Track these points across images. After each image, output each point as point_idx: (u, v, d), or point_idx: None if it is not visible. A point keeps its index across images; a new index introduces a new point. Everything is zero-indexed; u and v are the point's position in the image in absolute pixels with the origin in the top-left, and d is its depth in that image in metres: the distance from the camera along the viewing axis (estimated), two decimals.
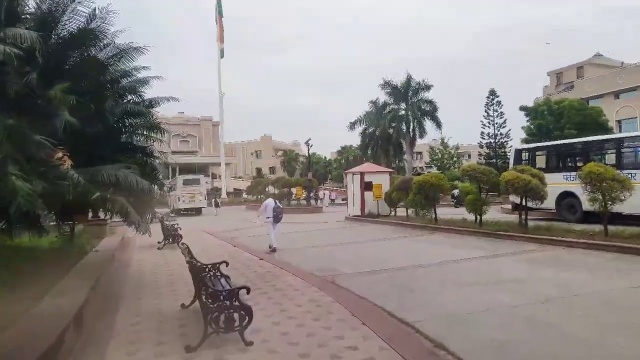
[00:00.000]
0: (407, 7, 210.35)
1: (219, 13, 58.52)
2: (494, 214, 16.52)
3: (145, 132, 7.51)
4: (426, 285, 7.69)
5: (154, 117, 7.35)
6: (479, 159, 43.06)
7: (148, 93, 7.93)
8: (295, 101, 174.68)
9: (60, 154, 5.18)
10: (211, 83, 55.86)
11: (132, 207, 6.25)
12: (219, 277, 5.93)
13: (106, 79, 6.47)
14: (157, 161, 7.81)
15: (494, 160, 40.18)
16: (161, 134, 7.63)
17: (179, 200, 33.98)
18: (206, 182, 63.80)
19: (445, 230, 15.44)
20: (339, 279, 8.38)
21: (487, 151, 42.39)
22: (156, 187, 7.89)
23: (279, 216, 12.89)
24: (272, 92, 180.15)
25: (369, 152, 50.82)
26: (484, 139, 42.46)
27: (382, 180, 21.91)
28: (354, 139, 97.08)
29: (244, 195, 53.09)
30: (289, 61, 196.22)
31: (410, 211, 18.50)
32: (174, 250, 12.07)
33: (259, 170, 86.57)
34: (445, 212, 19.18)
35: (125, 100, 6.97)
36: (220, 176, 63.98)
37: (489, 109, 41.66)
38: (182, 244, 5.88)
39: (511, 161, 21.31)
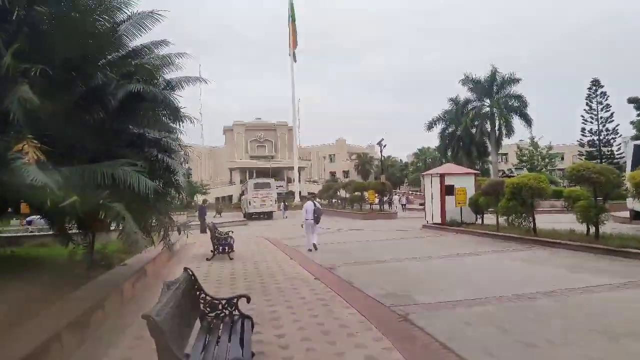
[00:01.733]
0: (490, 5, 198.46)
1: (292, 18, 58.23)
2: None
3: (162, 120, 6.08)
4: (553, 334, 5.30)
5: (176, 103, 5.86)
6: (579, 159, 37.83)
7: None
8: (372, 106, 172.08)
9: (22, 146, 3.78)
10: (288, 90, 56.51)
11: (135, 215, 4.74)
12: (235, 317, 4.17)
13: (97, 45, 5.07)
14: (176, 157, 6.30)
15: (598, 160, 34.97)
16: (180, 123, 6.13)
17: (249, 205, 33.48)
18: (279, 186, 64.25)
19: (548, 245, 12.54)
20: (413, 313, 6.28)
21: (589, 150, 37.13)
22: (172, 190, 6.41)
23: (318, 217, 13.41)
24: (348, 97, 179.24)
25: (449, 153, 47.31)
26: (586, 136, 37.36)
27: (466, 183, 19.15)
28: (432, 141, 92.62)
29: (317, 200, 52.02)
30: (364, 67, 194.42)
31: (501, 219, 15.67)
32: (223, 262, 10.69)
33: (332, 174, 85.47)
34: (543, 220, 16.00)
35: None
36: (294, 180, 63.50)
37: (592, 102, 36.50)
38: (187, 269, 4.19)
39: (629, 160, 17.59)
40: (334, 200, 40.23)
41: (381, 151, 31.45)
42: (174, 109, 5.81)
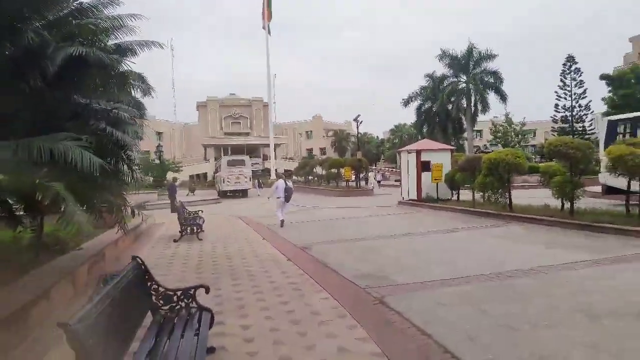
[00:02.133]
0: None
1: None
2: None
3: (113, 90, 5.42)
4: (535, 314, 5.04)
5: (125, 70, 5.19)
6: (552, 134, 38.32)
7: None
8: (349, 83, 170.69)
9: None
10: (264, 66, 54.99)
11: (80, 195, 4.16)
12: (192, 310, 3.72)
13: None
14: (129, 131, 5.63)
15: (570, 136, 35.45)
16: (131, 90, 5.49)
17: (223, 182, 32.71)
18: (255, 164, 63.27)
19: (524, 220, 12.48)
20: (389, 295, 5.96)
21: (562, 126, 37.58)
22: (125, 167, 5.78)
23: (289, 196, 13.75)
24: (325, 74, 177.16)
25: (425, 129, 47.32)
26: (559, 112, 37.71)
27: (442, 159, 18.96)
28: (408, 118, 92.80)
29: (294, 177, 51.48)
30: (342, 44, 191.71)
31: (477, 195, 15.58)
32: (191, 244, 10.16)
33: (309, 151, 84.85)
34: (517, 195, 15.85)
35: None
36: (270, 157, 62.60)
37: (566, 78, 36.73)
38: (136, 257, 3.68)
39: (602, 135, 17.64)
40: (310, 178, 39.79)
41: (357, 127, 31.02)
42: (121, 75, 5.13)
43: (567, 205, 12.16)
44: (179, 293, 3.71)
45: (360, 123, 30.32)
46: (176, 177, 28.46)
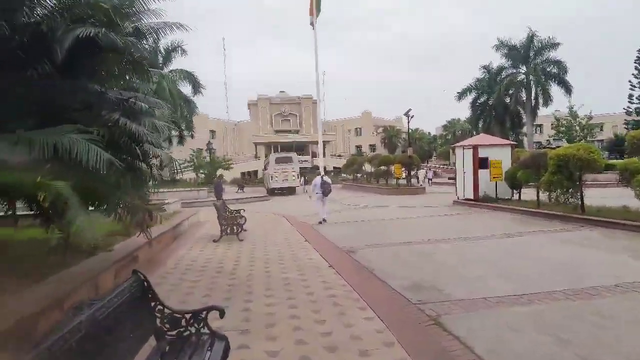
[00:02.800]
0: None
1: None
2: None
3: (126, 76, 4.91)
4: (628, 346, 4.02)
5: (143, 54, 4.65)
6: (625, 129, 34.94)
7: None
8: (398, 78, 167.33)
9: None
10: (313, 64, 54.35)
11: (88, 195, 3.65)
12: (204, 337, 3.06)
13: None
14: (147, 123, 5.06)
15: None
16: (148, 78, 4.94)
17: (271, 180, 32.55)
18: (304, 161, 63.09)
19: (600, 224, 11.00)
20: (445, 314, 5.07)
21: (636, 119, 34.18)
22: (144, 165, 5.22)
23: (326, 191, 14.21)
24: (373, 69, 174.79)
25: (480, 124, 44.92)
26: (633, 102, 34.24)
27: (502, 155, 17.48)
28: (462, 113, 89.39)
29: (342, 174, 50.73)
30: (392, 36, 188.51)
31: (543, 196, 14.10)
32: (231, 244, 9.68)
33: (358, 147, 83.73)
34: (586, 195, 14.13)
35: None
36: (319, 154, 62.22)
37: None
38: (136, 272, 3.08)
39: None
40: (358, 175, 38.85)
41: (408, 122, 29.67)
42: (137, 61, 4.59)
43: None
44: (187, 316, 3.08)
45: (412, 118, 29.02)
46: (222, 174, 28.47)
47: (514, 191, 16.83)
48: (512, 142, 19.60)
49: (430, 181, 39.40)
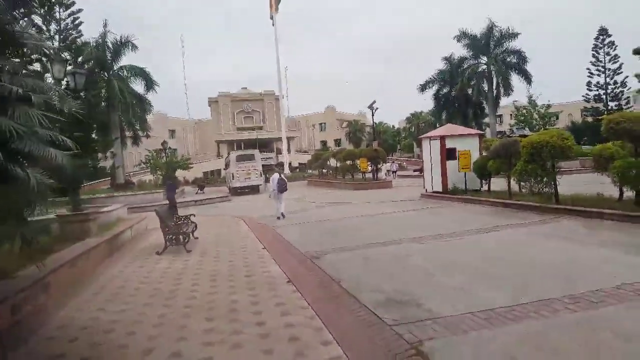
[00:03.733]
0: None
1: None
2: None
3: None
4: None
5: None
6: (584, 115, 35.52)
7: None
8: (360, 73, 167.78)
9: None
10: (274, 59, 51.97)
11: None
12: None
13: None
14: (22, 115, 3.64)
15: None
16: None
17: (232, 179, 31.06)
18: (269, 158, 61.56)
19: (578, 215, 10.39)
20: (428, 339, 4.09)
21: (595, 106, 34.73)
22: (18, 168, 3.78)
23: (282, 187, 14.67)
24: (336, 65, 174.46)
25: (444, 116, 44.91)
26: (592, 90, 34.73)
27: (470, 145, 16.87)
28: (425, 105, 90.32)
29: (308, 170, 49.66)
30: (353, 33, 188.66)
31: (513, 185, 13.52)
32: (176, 257, 8.39)
33: (323, 143, 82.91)
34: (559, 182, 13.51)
35: None
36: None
37: (598, 53, 33.81)
38: None
39: None
40: (324, 171, 37.88)
41: (373, 115, 28.85)
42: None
43: (631, 194, 10.09)
44: None
45: (376, 110, 28.23)
46: (173, 175, 26.59)
47: (483, 182, 16.25)
48: (479, 132, 19.07)
49: (394, 174, 38.94)
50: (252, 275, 6.53)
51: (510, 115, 59.45)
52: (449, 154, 16.89)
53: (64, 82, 10.13)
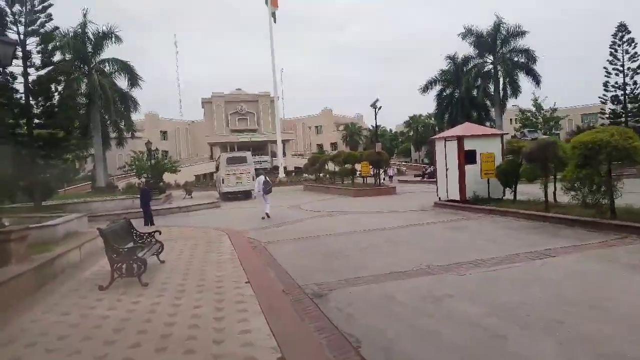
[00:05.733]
0: None
1: None
2: None
3: None
4: None
5: None
6: (601, 118, 33.47)
7: None
8: (357, 76, 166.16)
9: None
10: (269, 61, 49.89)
11: None
12: None
13: None
14: None
15: (623, 119, 30.56)
16: None
17: (222, 183, 28.59)
18: (264, 161, 59.19)
19: None
20: None
21: (613, 107, 32.63)
22: None
23: (267, 188, 15.81)
24: (332, 68, 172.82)
25: (446, 117, 42.82)
26: (609, 90, 32.59)
27: (491, 146, 14.67)
28: (424, 108, 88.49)
29: (304, 175, 47.30)
30: (349, 37, 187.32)
31: (550, 194, 11.31)
32: (123, 296, 6.03)
33: (319, 146, 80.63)
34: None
35: None
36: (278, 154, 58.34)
37: (617, 51, 31.75)
38: None
39: None
40: (321, 175, 35.59)
41: (375, 115, 26.51)
42: None
43: None
44: None
45: (379, 109, 25.92)
46: (148, 179, 23.96)
47: (508, 189, 14.04)
48: (500, 132, 16.84)
49: (391, 178, 36.80)
50: (222, 341, 4.19)
51: (511, 120, 57.43)
52: (467, 156, 14.67)
53: None
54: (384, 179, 31.82)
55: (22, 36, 18.09)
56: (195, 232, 12.09)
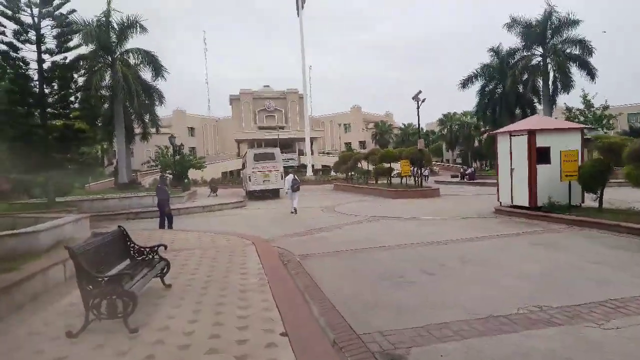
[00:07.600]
0: None
1: None
2: None
3: None
4: None
5: None
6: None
7: None
8: (386, 75, 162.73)
9: None
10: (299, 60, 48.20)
11: None
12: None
13: None
14: None
15: None
16: None
17: (249, 180, 26.73)
18: (290, 159, 57.43)
19: None
20: None
21: None
22: None
23: (295, 186, 16.71)
24: (362, 66, 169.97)
25: (488, 114, 39.83)
26: None
27: (570, 143, 12.18)
28: (459, 107, 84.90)
29: (332, 173, 45.14)
30: (378, 35, 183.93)
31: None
32: (105, 345, 4.03)
33: (348, 144, 78.29)
34: None
35: None
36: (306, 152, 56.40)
37: None
38: None
39: None
40: (352, 174, 33.32)
41: (418, 108, 23.71)
42: None
43: None
44: None
45: (423, 101, 23.35)
46: (165, 174, 21.95)
47: (592, 195, 11.54)
48: (581, 126, 14.22)
49: (426, 179, 34.31)
50: None
51: (556, 118, 53.57)
52: (540, 155, 12.21)
53: None
54: (426, 180, 29.45)
55: (36, 19, 16.64)
56: (217, 240, 10.12)
